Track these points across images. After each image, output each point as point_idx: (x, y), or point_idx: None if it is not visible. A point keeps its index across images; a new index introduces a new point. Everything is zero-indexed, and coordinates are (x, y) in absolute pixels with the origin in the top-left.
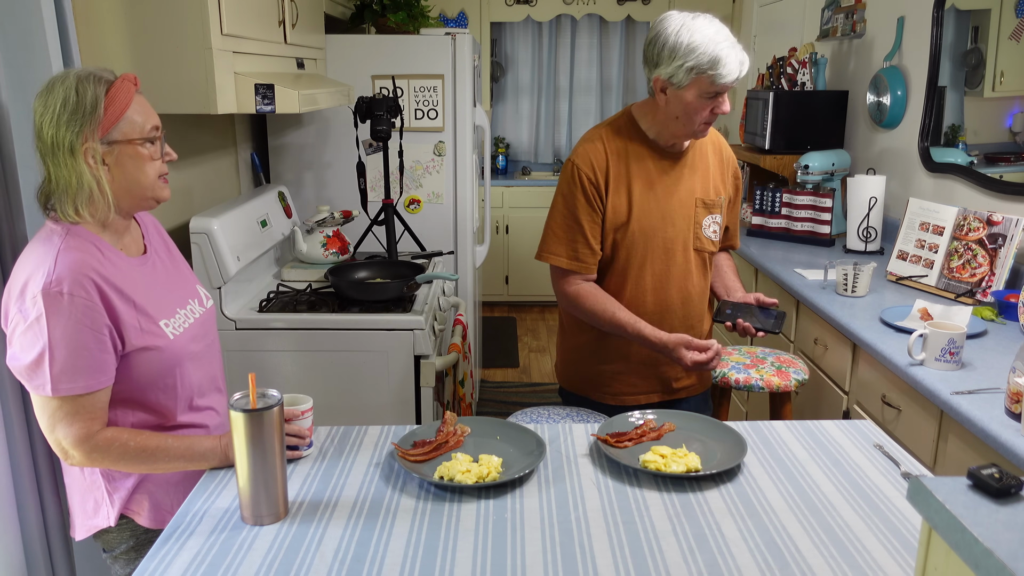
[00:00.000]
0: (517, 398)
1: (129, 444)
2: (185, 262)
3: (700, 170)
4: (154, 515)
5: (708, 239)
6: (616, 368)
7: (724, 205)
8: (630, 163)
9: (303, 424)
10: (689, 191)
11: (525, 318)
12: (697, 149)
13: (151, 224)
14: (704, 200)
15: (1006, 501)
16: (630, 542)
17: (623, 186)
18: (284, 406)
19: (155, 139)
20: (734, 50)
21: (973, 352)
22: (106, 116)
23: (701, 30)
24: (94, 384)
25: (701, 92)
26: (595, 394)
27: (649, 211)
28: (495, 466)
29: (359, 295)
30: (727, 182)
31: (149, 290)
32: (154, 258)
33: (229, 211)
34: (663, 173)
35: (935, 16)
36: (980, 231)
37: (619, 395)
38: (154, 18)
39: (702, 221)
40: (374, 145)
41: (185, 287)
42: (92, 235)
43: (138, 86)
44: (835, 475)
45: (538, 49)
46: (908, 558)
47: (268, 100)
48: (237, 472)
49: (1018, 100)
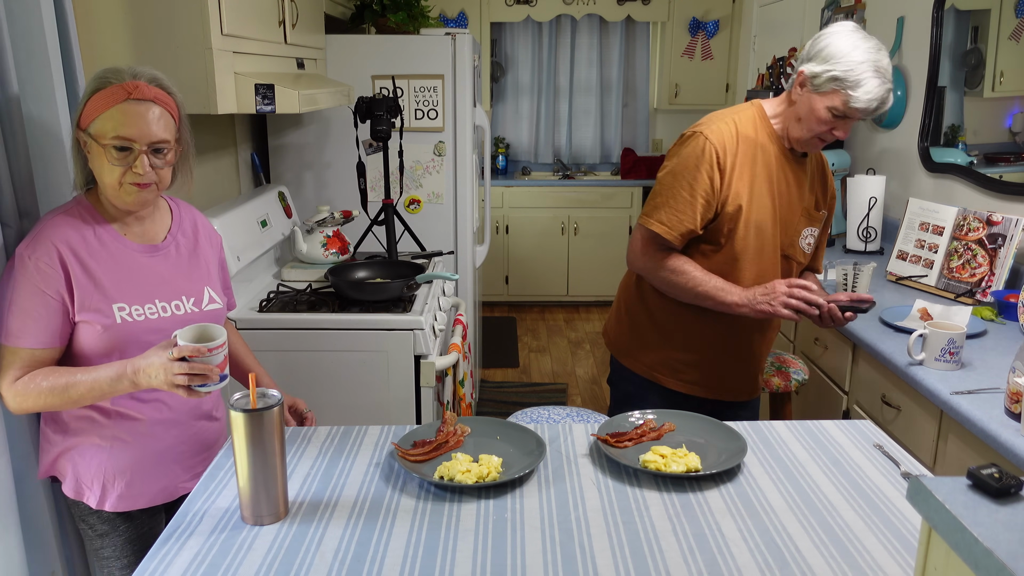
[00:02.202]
0: (517, 398)
1: (42, 384)
2: (213, 265)
3: (806, 182)
4: (75, 486)
5: (802, 250)
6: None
7: (822, 219)
8: (757, 154)
9: (212, 360)
10: (800, 198)
11: (525, 318)
12: (815, 161)
13: (191, 220)
14: (810, 211)
15: (1006, 501)
16: (630, 542)
17: (747, 174)
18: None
19: (125, 148)
20: (880, 83)
21: (973, 352)
22: (85, 110)
23: (865, 50)
24: (36, 343)
25: (831, 106)
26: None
27: (764, 206)
28: (495, 466)
29: (359, 295)
30: (827, 202)
31: (130, 275)
32: (166, 251)
33: (229, 211)
34: (784, 173)
35: (935, 16)
36: (980, 231)
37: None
38: (154, 18)
39: (802, 231)
40: (374, 145)
41: (186, 285)
42: (91, 210)
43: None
44: (835, 475)
45: (538, 49)
46: (908, 558)
47: (268, 100)
48: (237, 472)
49: (1018, 100)
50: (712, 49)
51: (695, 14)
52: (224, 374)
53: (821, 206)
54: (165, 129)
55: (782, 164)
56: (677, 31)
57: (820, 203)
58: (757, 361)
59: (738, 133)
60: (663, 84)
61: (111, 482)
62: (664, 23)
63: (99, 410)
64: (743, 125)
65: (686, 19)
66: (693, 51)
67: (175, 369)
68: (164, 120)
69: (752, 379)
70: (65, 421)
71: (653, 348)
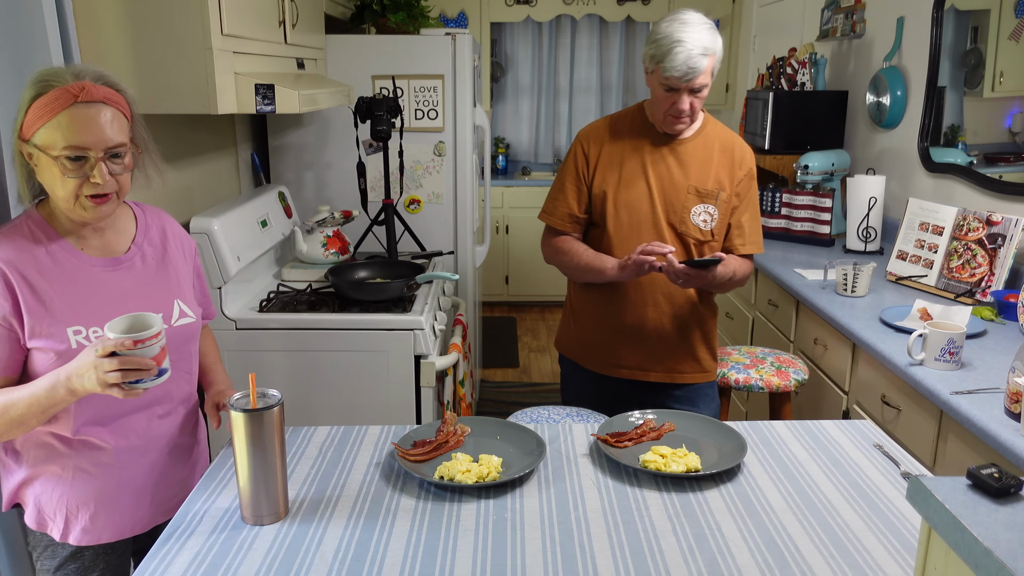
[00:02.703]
0: (517, 398)
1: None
2: (185, 275)
3: (700, 162)
4: (37, 517)
5: (696, 226)
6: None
7: (724, 200)
8: (627, 144)
9: (145, 353)
10: (685, 177)
11: (525, 318)
12: (702, 142)
13: (159, 227)
14: (699, 189)
15: (1006, 501)
16: (630, 542)
17: (616, 161)
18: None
19: (79, 158)
20: (683, 50)
21: (973, 352)
22: (26, 119)
23: (674, 24)
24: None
25: (659, 82)
26: (587, 362)
27: (637, 188)
28: (495, 466)
29: (359, 295)
30: (734, 181)
31: (87, 293)
32: (130, 263)
33: (229, 211)
34: (663, 157)
35: (935, 16)
36: (980, 231)
37: (609, 366)
38: (154, 18)
39: (691, 208)
40: (374, 145)
41: (153, 300)
42: (43, 224)
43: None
44: (835, 475)
45: (538, 49)
46: (908, 558)
47: (268, 100)
48: (237, 472)
49: (1017, 100)
50: None
51: None
52: (163, 368)
53: (724, 186)
54: (119, 131)
55: (660, 149)
56: None
57: (721, 183)
58: (658, 338)
59: (610, 127)
60: None
61: (74, 514)
62: None
63: (59, 438)
64: (618, 121)
65: None
66: None
67: (105, 367)
68: (117, 122)
69: (659, 359)
70: (21, 450)
71: (572, 332)
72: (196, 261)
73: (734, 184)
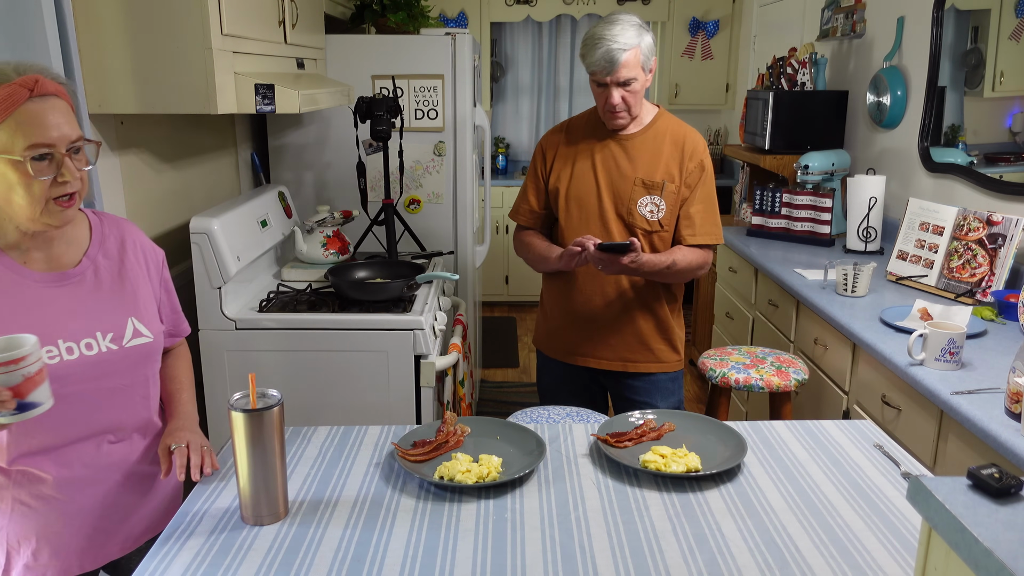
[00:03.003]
0: (517, 398)
1: None
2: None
3: (648, 155)
4: None
5: (643, 217)
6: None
7: (672, 191)
8: (580, 143)
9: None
10: (633, 170)
11: (525, 318)
12: (652, 135)
13: (117, 237)
14: (645, 180)
15: (1006, 501)
16: (630, 542)
17: (570, 159)
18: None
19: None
20: (599, 47)
21: (973, 352)
22: None
23: (601, 24)
24: None
25: (590, 80)
26: (553, 351)
27: (586, 182)
28: (495, 466)
29: (359, 295)
30: (684, 172)
31: (26, 312)
32: (79, 278)
33: (229, 211)
34: (608, 153)
35: (935, 16)
36: (980, 231)
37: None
38: (154, 18)
39: (638, 199)
40: (374, 145)
41: (103, 318)
42: None
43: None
44: (835, 475)
45: (538, 49)
46: (908, 558)
47: (268, 100)
48: (237, 472)
49: (1018, 100)
50: (712, 49)
51: (695, 14)
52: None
53: (673, 178)
54: (75, 125)
55: (609, 145)
56: (677, 31)
57: (671, 175)
58: (608, 327)
59: (567, 128)
60: (663, 84)
61: (16, 550)
62: (664, 23)
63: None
64: (576, 121)
65: (686, 19)
66: (693, 51)
67: None
68: (69, 115)
69: (611, 348)
70: None
71: (541, 324)
72: (164, 274)
73: (683, 175)
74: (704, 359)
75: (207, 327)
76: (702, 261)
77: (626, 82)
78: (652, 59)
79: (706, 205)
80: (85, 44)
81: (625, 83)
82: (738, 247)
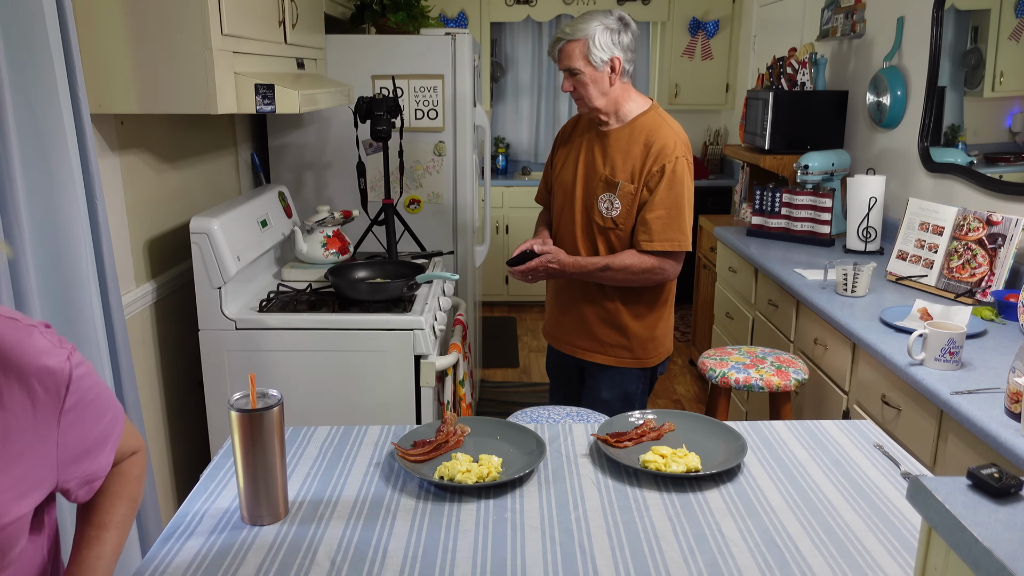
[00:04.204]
0: (517, 398)
1: None
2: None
3: (618, 154)
4: None
5: (600, 212)
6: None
7: (628, 191)
8: (578, 135)
9: None
10: (602, 167)
11: (525, 318)
12: (628, 133)
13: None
14: (607, 178)
15: (1006, 501)
16: (630, 542)
17: (565, 151)
18: None
19: None
20: (555, 36)
21: (973, 352)
22: None
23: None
24: None
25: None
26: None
27: (570, 171)
28: (495, 466)
29: (359, 295)
30: (645, 174)
31: None
32: None
33: (229, 211)
34: (589, 147)
35: (935, 16)
36: (980, 231)
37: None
38: (154, 18)
39: (599, 195)
40: (374, 145)
41: None
42: None
43: None
44: (835, 475)
45: (538, 49)
46: (908, 558)
47: (268, 100)
48: (237, 472)
49: (1018, 100)
50: (712, 49)
51: (695, 14)
52: None
53: (634, 179)
54: None
55: (592, 139)
56: (677, 31)
57: (633, 176)
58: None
59: (575, 120)
60: (663, 84)
61: None
62: (664, 23)
63: None
64: (581, 117)
65: (686, 19)
66: (693, 51)
67: None
68: None
69: (567, 332)
70: None
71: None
72: (71, 400)
73: (644, 177)
74: (704, 359)
75: (207, 327)
76: (651, 267)
77: (572, 72)
78: (611, 56)
79: (669, 211)
80: (85, 44)
81: (573, 73)
82: (738, 247)
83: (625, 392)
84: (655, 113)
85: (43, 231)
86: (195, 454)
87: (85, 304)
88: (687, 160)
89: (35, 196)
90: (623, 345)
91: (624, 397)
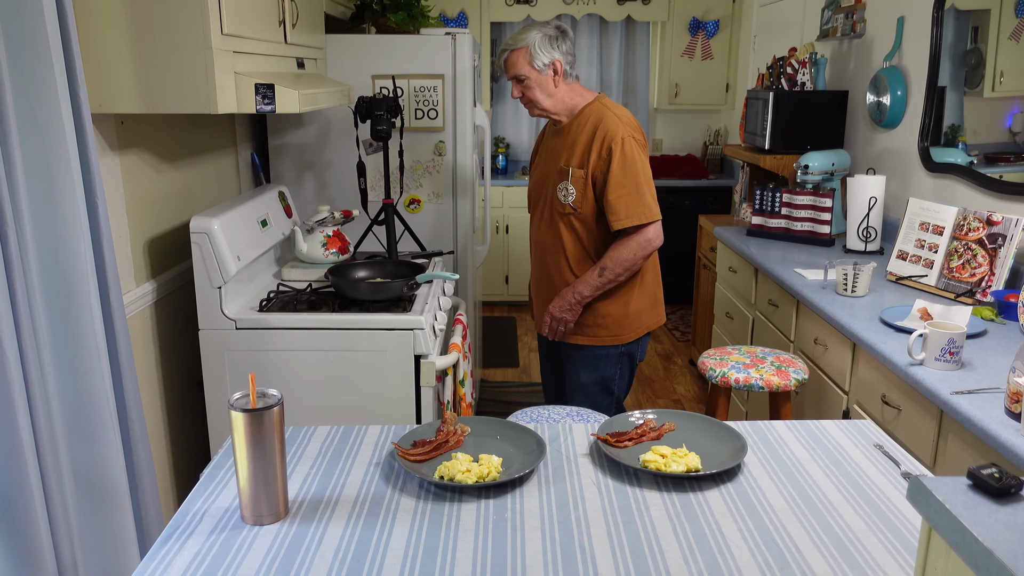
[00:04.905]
0: (517, 398)
1: None
2: None
3: (571, 144)
4: None
5: (559, 201)
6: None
7: (579, 176)
8: (544, 139)
9: None
10: (558, 159)
11: (525, 318)
12: (577, 126)
13: None
14: (561, 168)
15: (1006, 501)
16: (630, 542)
17: (538, 149)
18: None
19: None
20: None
21: (973, 352)
22: None
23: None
24: None
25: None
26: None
27: (537, 173)
28: (495, 466)
29: (359, 295)
30: (595, 157)
31: None
32: None
33: (229, 211)
34: (549, 144)
35: (935, 16)
36: (980, 231)
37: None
38: (154, 18)
39: (557, 184)
40: (374, 145)
41: None
42: None
43: None
44: (835, 475)
45: None
46: (908, 558)
47: (268, 100)
48: (237, 472)
49: (1018, 100)
50: (712, 49)
51: (695, 14)
52: None
53: (584, 164)
54: None
55: (551, 137)
56: (677, 31)
57: (582, 162)
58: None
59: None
60: (663, 84)
61: None
62: (664, 23)
63: None
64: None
65: (686, 19)
66: (693, 51)
67: None
68: None
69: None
70: None
71: None
72: None
73: (594, 161)
74: (704, 359)
75: (207, 327)
76: (635, 244)
77: (517, 78)
78: (552, 59)
79: (627, 188)
80: (85, 44)
81: (518, 79)
82: (738, 247)
83: (603, 377)
84: (599, 103)
85: (43, 230)
86: (195, 454)
87: (85, 303)
88: (635, 139)
89: (35, 195)
90: (598, 324)
91: (602, 382)
